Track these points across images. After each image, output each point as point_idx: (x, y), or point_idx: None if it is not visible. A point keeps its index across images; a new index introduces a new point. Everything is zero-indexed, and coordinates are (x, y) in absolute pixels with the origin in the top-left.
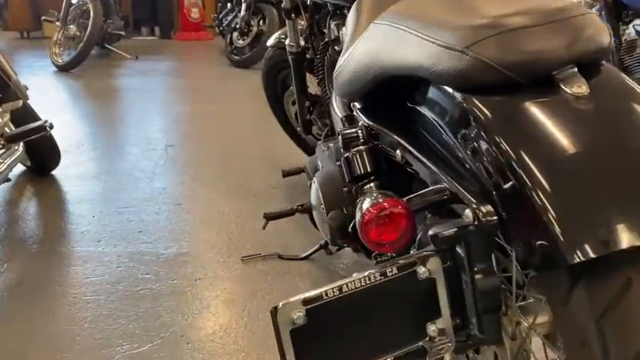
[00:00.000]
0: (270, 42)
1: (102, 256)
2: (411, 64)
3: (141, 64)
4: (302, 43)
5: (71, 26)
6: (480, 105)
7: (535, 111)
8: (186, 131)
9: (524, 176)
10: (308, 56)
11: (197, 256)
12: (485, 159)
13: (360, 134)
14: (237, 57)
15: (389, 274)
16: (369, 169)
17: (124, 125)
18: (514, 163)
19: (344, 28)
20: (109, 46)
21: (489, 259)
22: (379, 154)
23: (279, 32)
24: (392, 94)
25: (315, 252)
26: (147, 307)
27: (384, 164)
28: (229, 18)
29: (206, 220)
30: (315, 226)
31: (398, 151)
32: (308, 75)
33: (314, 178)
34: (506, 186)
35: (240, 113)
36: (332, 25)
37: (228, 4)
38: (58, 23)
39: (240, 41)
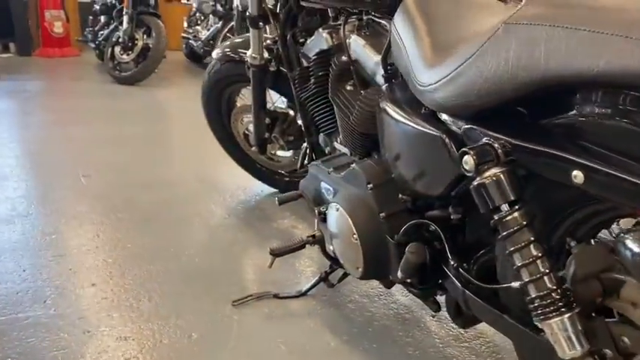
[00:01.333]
0: (216, 54)
1: (57, 321)
2: (616, 70)
3: (6, 84)
4: (266, 55)
5: None
6: None
7: None
8: (94, 157)
9: None
10: (272, 69)
11: (181, 307)
12: None
13: (494, 153)
14: (121, 73)
15: None
16: (514, 196)
17: (17, 154)
18: None
19: (353, 36)
20: None
21: None
22: (517, 175)
23: (225, 44)
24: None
25: (314, 286)
26: None
27: (525, 187)
28: (106, 32)
29: (169, 262)
30: (330, 259)
31: (577, 172)
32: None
33: (335, 203)
34: None
35: (147, 133)
36: (343, 34)
37: (102, 17)
38: None
39: (125, 56)
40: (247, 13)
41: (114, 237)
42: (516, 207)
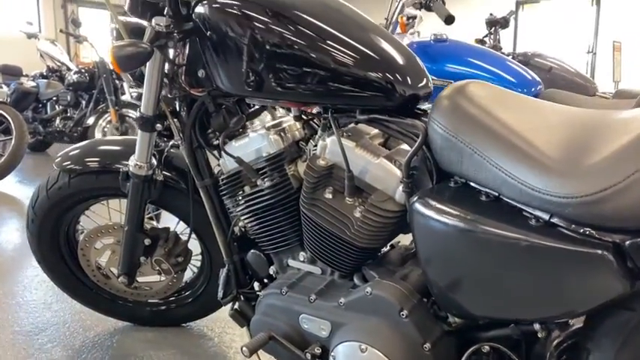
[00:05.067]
0: (60, 164)
1: None
2: None
3: None
4: (154, 162)
5: None
6: None
7: None
8: None
9: None
10: (160, 179)
11: None
12: None
13: None
14: None
15: None
16: None
17: None
18: None
19: (332, 138)
20: None
21: None
22: None
23: (72, 150)
24: None
25: None
26: None
27: None
28: None
29: None
30: None
31: None
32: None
33: (355, 343)
34: None
35: None
36: (337, 137)
37: None
38: None
39: None
40: (138, 114)
41: None
42: None
